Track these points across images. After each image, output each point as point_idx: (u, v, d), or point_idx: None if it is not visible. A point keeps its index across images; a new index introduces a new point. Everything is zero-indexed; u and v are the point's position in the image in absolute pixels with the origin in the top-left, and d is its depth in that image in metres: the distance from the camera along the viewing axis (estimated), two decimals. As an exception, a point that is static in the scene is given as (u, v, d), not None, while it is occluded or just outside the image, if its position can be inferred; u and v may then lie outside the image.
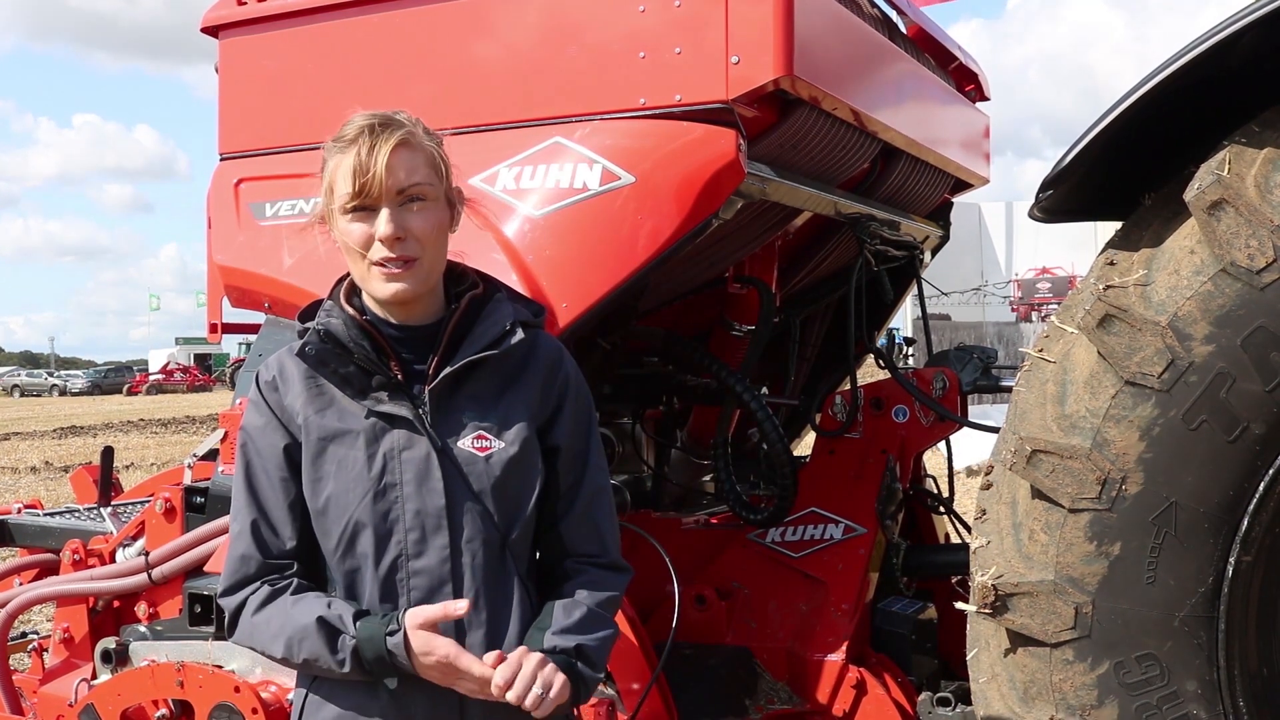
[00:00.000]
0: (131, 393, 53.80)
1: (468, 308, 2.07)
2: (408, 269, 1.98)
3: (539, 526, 2.09)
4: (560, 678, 1.89)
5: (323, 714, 2.01)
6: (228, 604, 2.04)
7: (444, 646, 1.89)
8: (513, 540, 2.03)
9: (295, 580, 2.03)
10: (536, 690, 1.86)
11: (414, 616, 1.91)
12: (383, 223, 1.96)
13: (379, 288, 2.00)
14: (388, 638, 1.90)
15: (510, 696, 1.85)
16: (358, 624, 1.93)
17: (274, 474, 2.03)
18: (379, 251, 1.97)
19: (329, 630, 1.93)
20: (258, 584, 2.02)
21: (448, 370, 2.00)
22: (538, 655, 1.91)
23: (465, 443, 2.00)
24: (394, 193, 1.96)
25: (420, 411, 1.99)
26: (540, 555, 2.12)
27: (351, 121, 2.01)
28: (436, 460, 1.98)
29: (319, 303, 2.12)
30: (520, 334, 2.05)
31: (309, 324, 2.07)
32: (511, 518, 2.02)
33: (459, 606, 1.91)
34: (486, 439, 2.01)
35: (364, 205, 1.97)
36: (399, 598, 1.98)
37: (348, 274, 2.12)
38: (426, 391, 2.00)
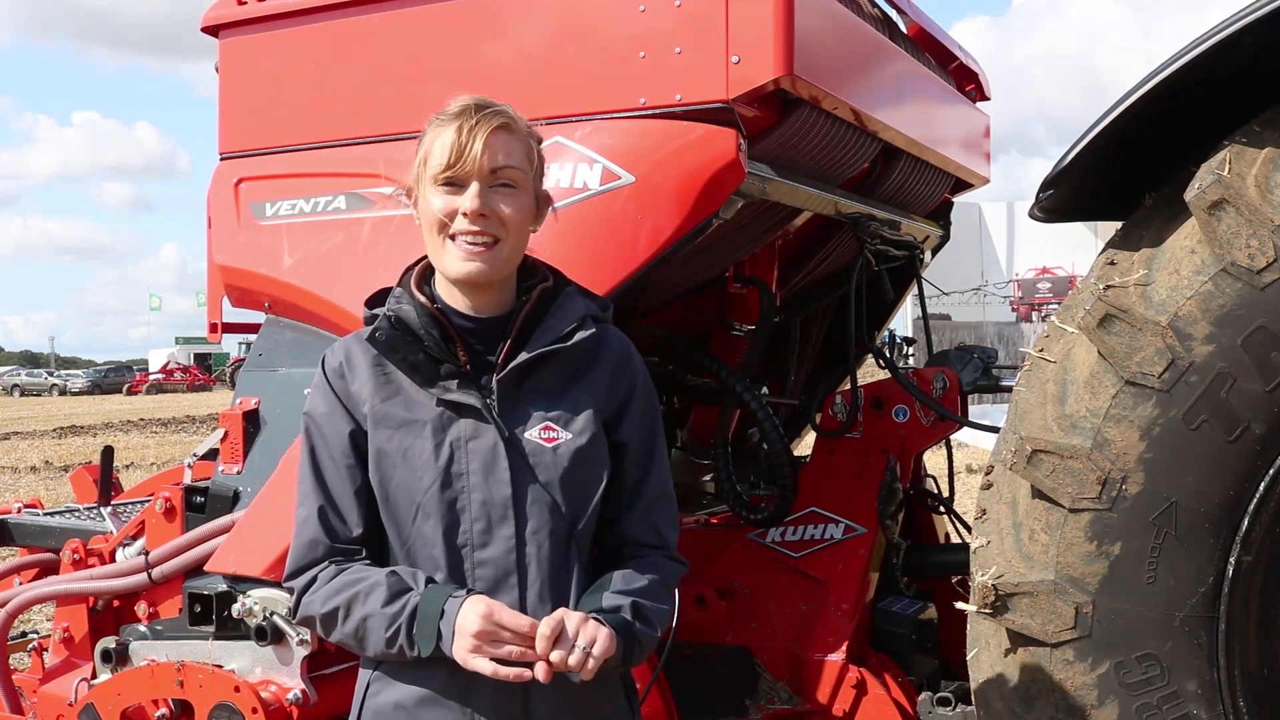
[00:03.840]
0: (131, 392, 53.81)
1: (538, 300, 2.07)
2: (487, 250, 1.97)
3: (600, 521, 2.07)
4: (605, 632, 1.87)
5: (387, 695, 2.00)
6: (297, 583, 2.03)
7: (490, 603, 1.87)
8: (578, 532, 2.02)
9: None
10: (581, 646, 1.84)
11: (492, 600, 1.90)
12: (470, 197, 1.96)
13: (454, 265, 1.99)
14: (450, 598, 1.90)
15: (554, 658, 1.83)
16: (427, 586, 1.94)
17: (340, 460, 2.03)
18: (461, 224, 1.96)
19: (398, 584, 1.94)
20: (326, 563, 2.02)
21: (517, 361, 2.00)
22: (579, 614, 1.89)
23: (533, 433, 1.99)
24: (487, 171, 1.97)
25: (488, 401, 1.99)
26: (600, 549, 2.11)
27: (457, 99, 2.03)
28: (503, 450, 1.97)
29: (387, 290, 2.11)
30: (591, 328, 2.05)
31: (378, 310, 2.07)
32: (578, 509, 2.01)
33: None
34: (554, 430, 2.00)
35: (455, 179, 1.97)
36: (464, 587, 1.97)
37: (418, 261, 2.11)
38: (495, 381, 2.00)
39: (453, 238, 1.98)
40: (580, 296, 2.11)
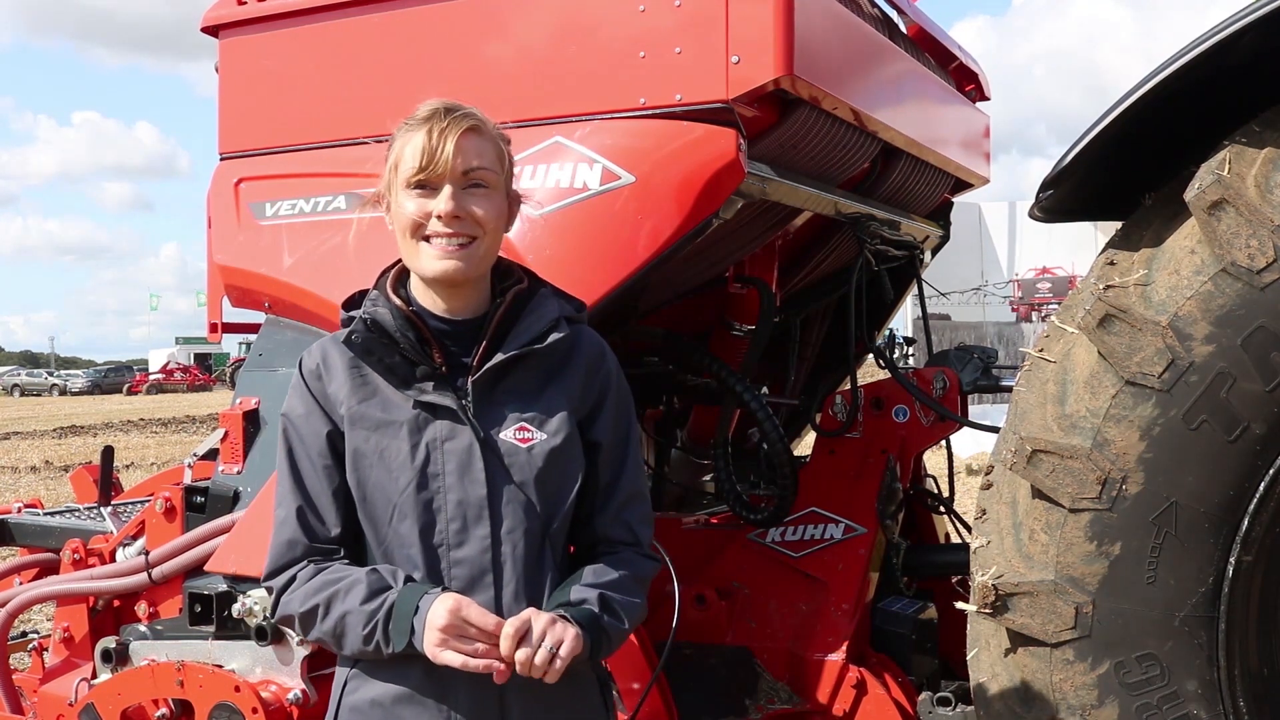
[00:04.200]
0: (131, 392, 53.80)
1: (513, 302, 2.09)
2: (462, 249, 1.99)
3: (574, 520, 2.10)
4: (572, 633, 1.89)
5: (364, 692, 2.01)
6: (276, 582, 2.05)
7: (459, 599, 1.90)
8: (552, 531, 2.04)
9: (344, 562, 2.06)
10: (547, 646, 1.86)
11: (462, 597, 1.92)
12: (444, 199, 1.98)
13: (430, 264, 2.01)
14: (425, 595, 1.92)
15: (520, 657, 1.86)
16: (405, 584, 1.96)
17: (317, 461, 2.05)
18: (435, 227, 1.98)
19: (378, 582, 1.96)
20: (305, 563, 2.04)
21: (492, 362, 2.02)
22: (546, 614, 1.91)
23: (508, 434, 2.01)
24: (459, 173, 1.99)
25: (463, 402, 2.01)
26: (574, 547, 2.13)
27: (425, 104, 2.05)
28: (479, 451, 1.99)
29: (363, 292, 2.13)
30: (565, 329, 2.07)
31: (354, 313, 2.09)
32: (552, 509, 2.04)
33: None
34: (529, 430, 2.02)
35: (428, 182, 1.99)
36: (441, 586, 1.99)
37: (394, 264, 2.13)
38: (470, 383, 2.02)
39: (428, 239, 2.00)
40: (554, 298, 2.14)
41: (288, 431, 2.09)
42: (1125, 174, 2.41)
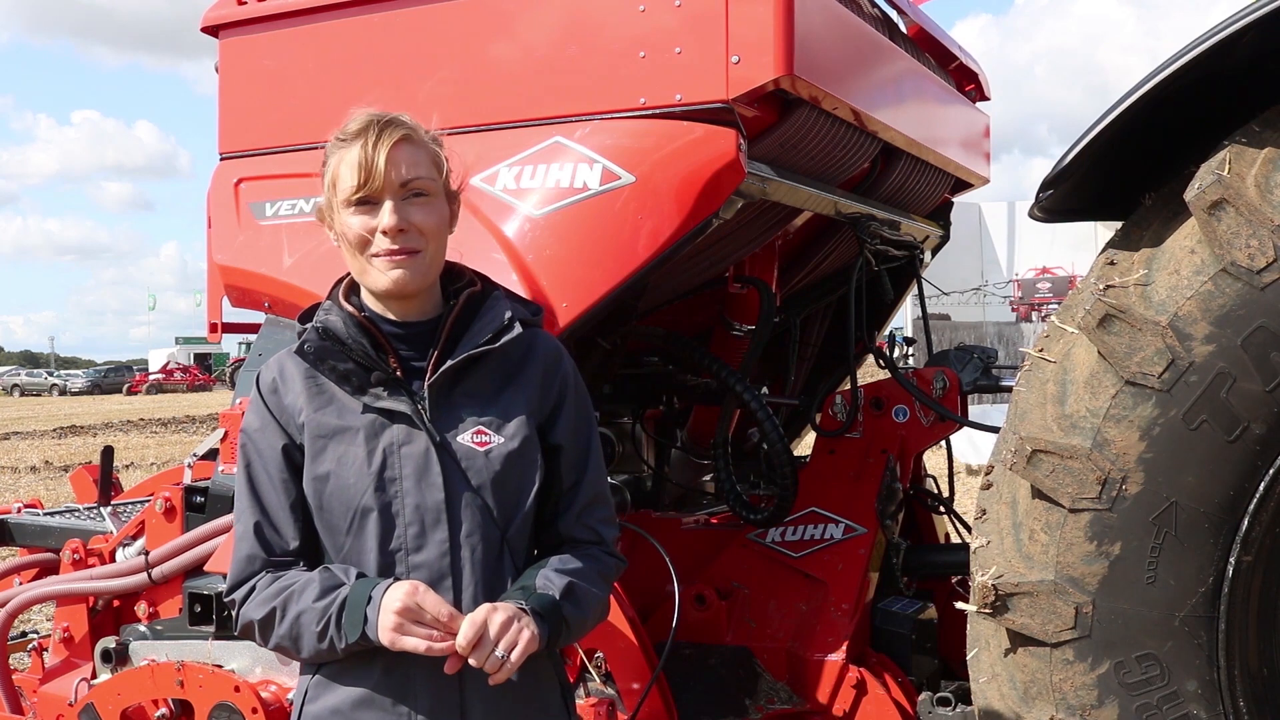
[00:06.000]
0: (131, 392, 53.82)
1: (466, 304, 2.09)
2: (410, 259, 2.00)
3: (537, 523, 2.10)
4: (527, 635, 1.89)
5: (325, 700, 2.02)
6: (237, 595, 2.06)
7: (416, 584, 1.90)
8: (511, 535, 2.04)
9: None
10: (499, 652, 1.86)
11: (418, 583, 1.92)
12: (386, 214, 1.99)
13: (379, 279, 2.02)
14: (377, 586, 1.92)
15: (473, 660, 1.86)
16: (357, 579, 1.96)
17: (275, 475, 2.05)
18: (381, 243, 1.99)
19: (330, 579, 1.96)
20: (263, 574, 2.04)
21: (447, 365, 2.02)
22: (504, 612, 1.89)
23: (465, 437, 2.02)
24: (397, 186, 1.99)
25: (419, 407, 2.01)
26: (538, 550, 2.14)
27: (355, 118, 2.05)
28: (435, 455, 1.99)
29: (318, 305, 2.14)
30: (519, 329, 2.07)
31: (308, 324, 2.09)
32: (510, 512, 2.04)
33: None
34: (486, 434, 2.03)
35: (367, 198, 2.00)
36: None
37: (346, 274, 2.14)
38: (426, 386, 2.02)
39: (375, 255, 2.01)
40: (507, 300, 2.14)
41: (246, 447, 2.09)
42: (1125, 174, 2.41)
